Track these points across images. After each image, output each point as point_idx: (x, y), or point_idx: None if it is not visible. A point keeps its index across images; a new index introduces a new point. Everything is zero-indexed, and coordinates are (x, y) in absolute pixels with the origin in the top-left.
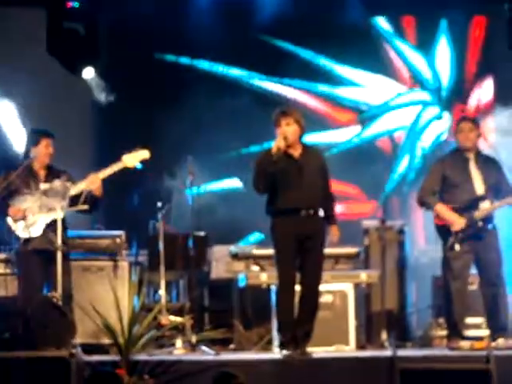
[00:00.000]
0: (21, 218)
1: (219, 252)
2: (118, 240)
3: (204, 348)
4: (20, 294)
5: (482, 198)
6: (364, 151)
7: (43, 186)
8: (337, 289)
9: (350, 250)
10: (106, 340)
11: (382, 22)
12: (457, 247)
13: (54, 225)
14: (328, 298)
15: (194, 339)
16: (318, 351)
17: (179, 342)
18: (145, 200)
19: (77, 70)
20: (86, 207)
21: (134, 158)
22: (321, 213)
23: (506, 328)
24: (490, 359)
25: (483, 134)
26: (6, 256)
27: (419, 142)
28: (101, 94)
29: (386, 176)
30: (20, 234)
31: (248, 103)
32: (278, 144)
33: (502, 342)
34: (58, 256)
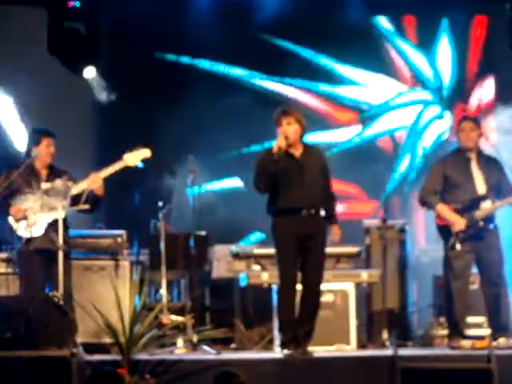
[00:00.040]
0: (22, 218)
1: (220, 251)
2: (119, 239)
3: (205, 347)
4: (22, 294)
5: (483, 198)
6: (365, 151)
7: (44, 185)
8: (338, 288)
9: (351, 249)
10: (108, 339)
11: (382, 22)
12: (458, 247)
13: (55, 224)
14: (329, 298)
15: (195, 338)
16: (319, 350)
17: (180, 342)
18: (146, 199)
19: (78, 69)
20: (87, 207)
21: (135, 157)
22: (322, 212)
23: (507, 327)
24: (491, 358)
25: (485, 133)
26: (7, 255)
27: (420, 141)
28: (102, 93)
29: (386, 176)
30: (22, 233)
31: (248, 103)
32: (279, 143)
33: (503, 341)
34: (60, 255)
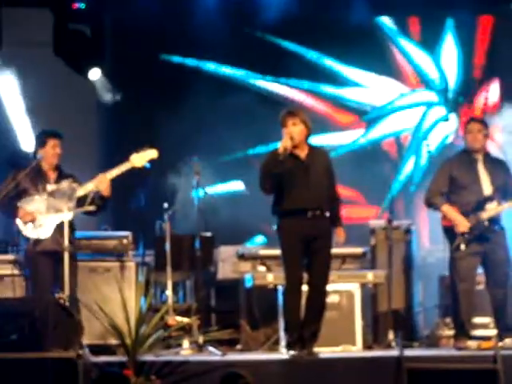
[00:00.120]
0: (30, 221)
1: (226, 252)
2: (124, 241)
3: (211, 348)
4: (28, 295)
5: (489, 199)
6: (368, 154)
7: (50, 187)
8: (343, 289)
9: (357, 249)
10: (113, 341)
11: (387, 22)
12: (462, 247)
13: (62, 226)
14: (335, 298)
15: (201, 340)
16: (324, 351)
17: (186, 343)
18: (151, 201)
19: (83, 70)
20: (92, 208)
21: (142, 158)
22: (327, 213)
23: None
24: (497, 359)
25: (491, 134)
26: (13, 257)
27: (425, 142)
28: (107, 94)
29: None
30: (29, 235)
31: (253, 104)
32: (285, 144)
33: (509, 341)
34: (65, 257)
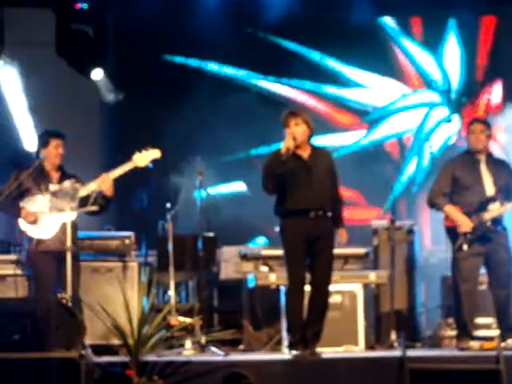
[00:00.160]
0: (33, 221)
1: (228, 253)
2: (127, 241)
3: (213, 349)
4: (31, 295)
5: (491, 200)
6: (370, 155)
7: (53, 187)
8: (346, 289)
9: (359, 250)
10: (116, 341)
11: (389, 22)
12: (465, 247)
13: (64, 226)
14: (337, 299)
15: (204, 340)
16: (327, 352)
17: (188, 343)
18: (154, 201)
19: (85, 70)
20: (95, 208)
21: (144, 158)
22: (330, 213)
23: None
24: (499, 359)
25: (494, 135)
26: (16, 257)
27: (427, 143)
28: (109, 94)
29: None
30: (31, 235)
31: (255, 104)
32: (287, 144)
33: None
34: (68, 257)
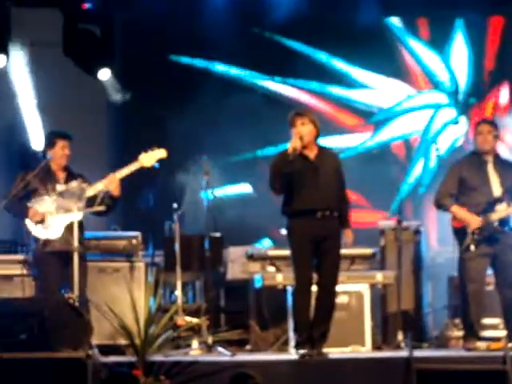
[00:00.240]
0: (40, 221)
1: (235, 253)
2: (134, 241)
3: (220, 349)
4: (37, 296)
5: (498, 201)
6: (376, 157)
7: (60, 187)
8: (353, 289)
9: (366, 250)
10: (123, 341)
11: (396, 22)
12: (472, 248)
13: (71, 226)
14: (344, 299)
15: (210, 340)
16: (334, 352)
17: (195, 343)
18: (160, 201)
19: (92, 70)
20: (102, 208)
21: (150, 158)
22: (336, 214)
23: None
24: (506, 360)
25: (501, 136)
26: (23, 257)
27: (434, 145)
28: (116, 94)
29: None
30: (38, 235)
31: (261, 104)
32: (294, 144)
33: None
34: (75, 257)
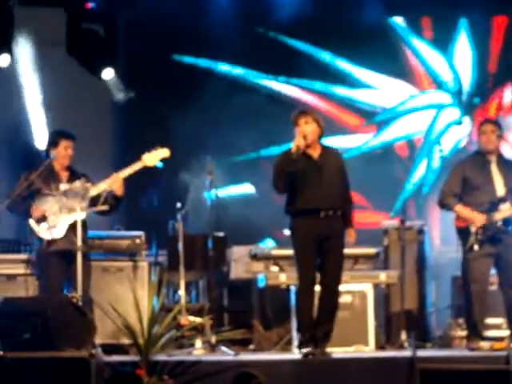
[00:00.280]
0: (41, 218)
1: (238, 252)
2: (137, 240)
3: (223, 348)
4: (41, 295)
5: (502, 200)
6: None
7: (63, 186)
8: (356, 289)
9: (370, 250)
10: (126, 340)
11: (399, 22)
12: (475, 247)
13: (75, 226)
14: (347, 299)
15: (214, 339)
16: (337, 352)
17: (199, 343)
18: (163, 200)
19: (96, 70)
20: (105, 207)
21: (154, 158)
22: (340, 213)
23: None
24: (510, 360)
25: (505, 136)
26: (26, 257)
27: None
28: (120, 94)
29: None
30: (42, 235)
31: (265, 104)
32: (298, 143)
33: None
34: (79, 256)
